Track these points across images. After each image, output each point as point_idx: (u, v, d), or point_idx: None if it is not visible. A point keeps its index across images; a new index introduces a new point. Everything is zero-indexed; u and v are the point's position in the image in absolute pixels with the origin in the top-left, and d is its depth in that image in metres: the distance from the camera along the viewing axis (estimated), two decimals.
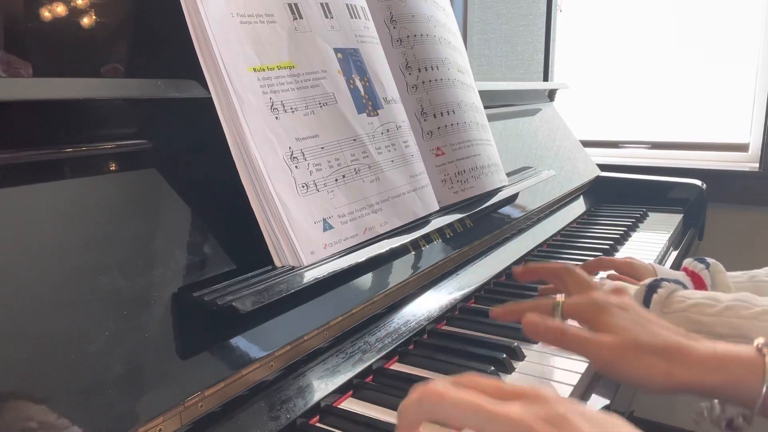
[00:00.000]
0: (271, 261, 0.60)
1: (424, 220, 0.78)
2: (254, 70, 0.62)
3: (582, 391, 0.63)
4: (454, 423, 0.35)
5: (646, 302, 0.63)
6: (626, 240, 1.20)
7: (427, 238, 0.83)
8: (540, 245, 1.11)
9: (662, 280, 0.64)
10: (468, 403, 0.34)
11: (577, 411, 0.34)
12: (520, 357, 0.68)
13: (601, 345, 0.51)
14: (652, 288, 0.63)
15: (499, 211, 1.06)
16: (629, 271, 0.81)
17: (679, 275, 0.81)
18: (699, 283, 0.79)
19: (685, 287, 0.64)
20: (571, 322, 0.55)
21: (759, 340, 0.49)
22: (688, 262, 0.82)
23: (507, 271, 0.96)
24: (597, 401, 0.62)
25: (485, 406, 0.34)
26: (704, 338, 0.52)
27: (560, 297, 0.58)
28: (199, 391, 0.49)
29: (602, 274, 0.88)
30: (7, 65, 0.55)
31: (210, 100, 0.59)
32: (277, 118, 0.62)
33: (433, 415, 0.36)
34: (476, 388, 0.36)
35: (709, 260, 0.80)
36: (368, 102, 0.75)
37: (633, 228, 1.28)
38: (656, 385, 0.49)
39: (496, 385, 0.36)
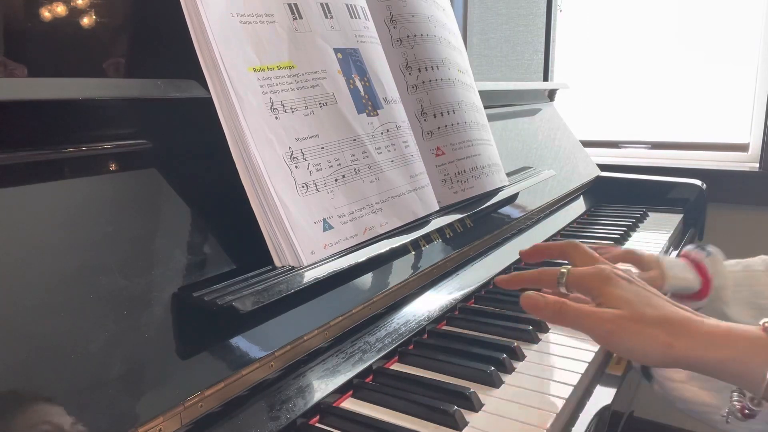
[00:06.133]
0: (271, 261, 0.60)
1: (424, 220, 0.78)
2: (254, 70, 0.62)
3: (582, 391, 0.63)
4: None
5: None
6: (626, 240, 1.20)
7: (427, 238, 0.83)
8: None
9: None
10: None
11: None
12: (520, 357, 0.68)
13: (601, 318, 0.51)
14: None
15: (499, 211, 1.06)
16: (630, 259, 0.81)
17: (681, 261, 0.81)
18: (701, 270, 0.79)
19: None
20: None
21: (765, 320, 0.48)
22: (688, 248, 0.82)
23: (507, 271, 0.96)
24: (597, 401, 0.62)
25: None
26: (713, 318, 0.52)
27: (565, 267, 0.58)
28: (199, 391, 0.49)
29: None
30: (2, 66, 0.55)
31: (210, 100, 0.59)
32: (277, 118, 0.62)
33: None
34: None
35: (710, 248, 0.80)
36: (368, 102, 0.75)
37: (633, 228, 1.28)
38: (655, 357, 0.49)
39: None
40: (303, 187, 0.63)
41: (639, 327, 0.49)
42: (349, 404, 0.59)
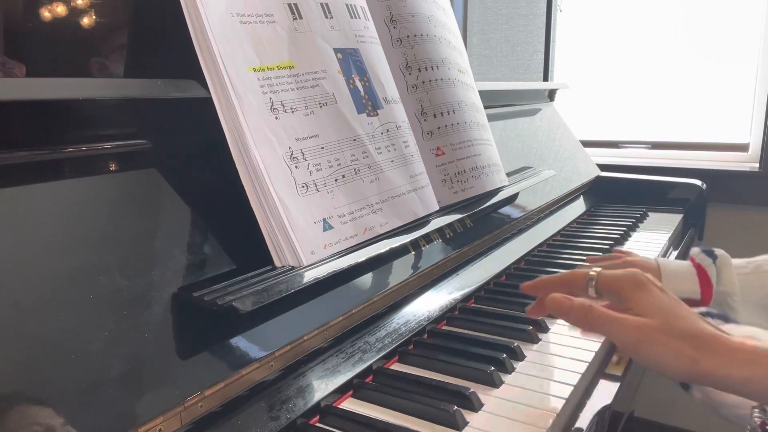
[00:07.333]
0: (271, 261, 0.60)
1: (424, 220, 0.78)
2: (254, 70, 0.62)
3: (582, 391, 0.63)
4: None
5: None
6: (626, 240, 1.20)
7: (427, 238, 0.83)
8: (540, 245, 1.11)
9: (708, 314, 0.62)
10: None
11: None
12: (520, 357, 0.68)
13: (628, 325, 0.50)
14: None
15: (499, 211, 1.06)
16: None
17: (686, 265, 0.80)
18: (704, 278, 0.78)
19: (728, 320, 0.63)
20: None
21: None
22: (695, 252, 0.80)
23: (507, 271, 0.96)
24: (597, 401, 0.62)
25: None
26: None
27: (595, 270, 0.57)
28: (199, 391, 0.49)
29: None
30: (2, 65, 0.55)
31: (210, 100, 0.59)
32: (276, 118, 0.62)
33: None
34: None
35: (717, 252, 0.79)
36: (368, 102, 0.75)
37: (633, 228, 1.28)
38: (679, 371, 0.48)
39: None
40: (303, 187, 0.63)
41: (666, 339, 0.49)
42: (349, 404, 0.59)
